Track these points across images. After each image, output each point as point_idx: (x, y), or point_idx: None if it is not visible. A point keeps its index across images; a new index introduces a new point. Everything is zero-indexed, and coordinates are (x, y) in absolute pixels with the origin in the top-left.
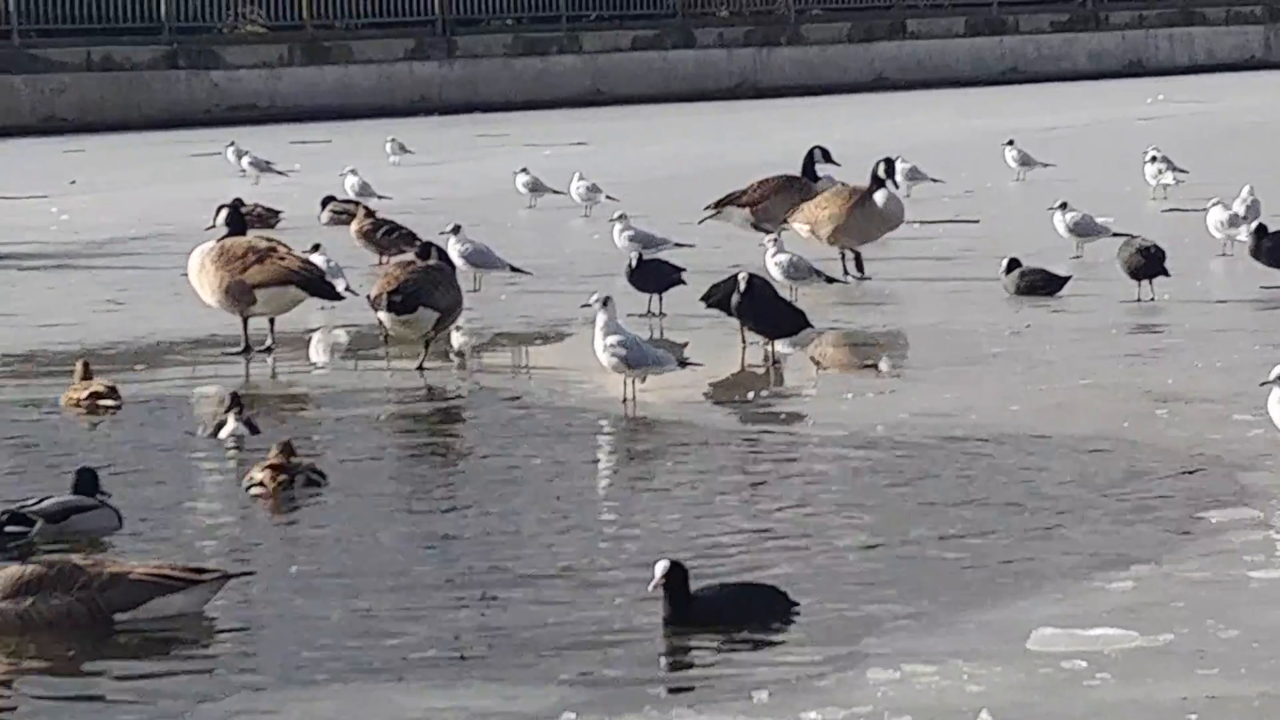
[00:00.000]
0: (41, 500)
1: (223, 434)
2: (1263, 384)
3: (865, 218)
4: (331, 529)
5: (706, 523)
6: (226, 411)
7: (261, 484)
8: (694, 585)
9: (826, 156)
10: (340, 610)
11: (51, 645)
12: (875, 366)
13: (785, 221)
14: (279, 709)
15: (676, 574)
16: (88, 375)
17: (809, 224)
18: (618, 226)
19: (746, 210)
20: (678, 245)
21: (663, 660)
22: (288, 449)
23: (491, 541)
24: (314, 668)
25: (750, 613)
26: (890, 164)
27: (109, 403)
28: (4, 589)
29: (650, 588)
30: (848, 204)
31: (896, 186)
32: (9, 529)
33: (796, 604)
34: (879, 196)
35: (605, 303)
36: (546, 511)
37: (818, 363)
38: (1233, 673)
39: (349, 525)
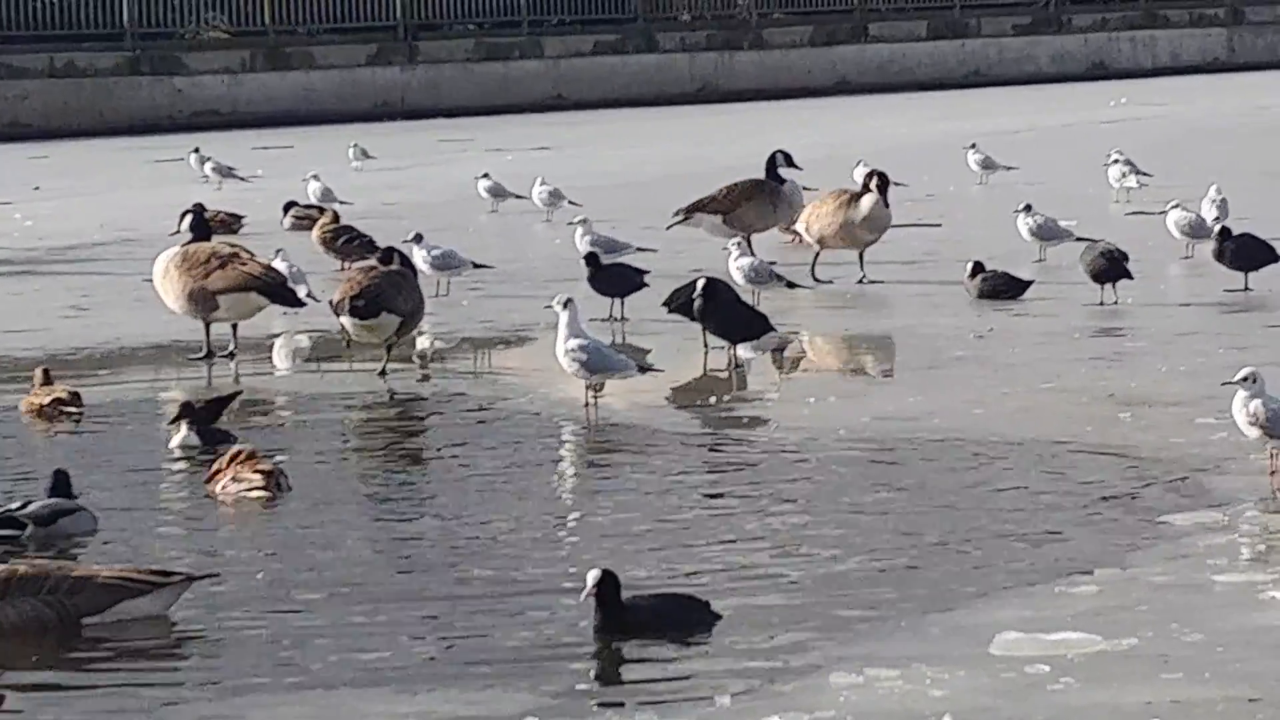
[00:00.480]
0: (25, 504)
1: (173, 444)
2: (1224, 383)
3: (851, 221)
4: (294, 534)
5: (668, 528)
6: (177, 420)
7: (263, 486)
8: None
9: (789, 161)
10: (303, 615)
11: (13, 650)
12: (840, 370)
13: (686, 217)
14: (242, 714)
15: (608, 583)
16: (48, 381)
17: (720, 213)
18: (579, 230)
19: (718, 217)
20: (639, 250)
21: (625, 665)
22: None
23: (454, 547)
24: (278, 672)
25: (679, 622)
26: (880, 176)
27: (72, 409)
28: None
29: (582, 597)
30: (835, 207)
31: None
32: (1, 533)
33: (719, 616)
34: (865, 200)
35: (567, 304)
36: (509, 517)
37: (780, 367)
38: (1197, 676)
39: (311, 530)
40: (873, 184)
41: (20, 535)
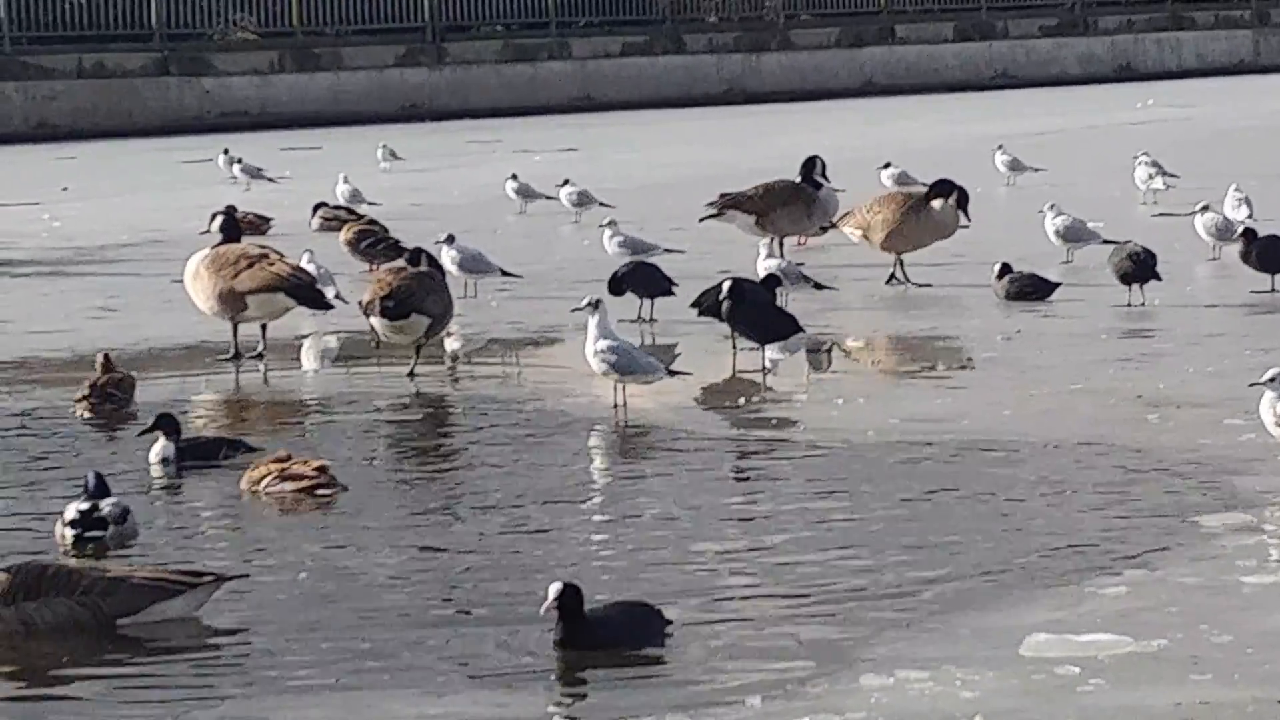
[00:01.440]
0: (94, 504)
1: (151, 456)
2: (1252, 384)
3: (920, 225)
4: (322, 536)
5: (698, 530)
6: (152, 429)
7: (319, 471)
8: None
9: (823, 170)
10: (332, 616)
11: (41, 649)
12: (869, 372)
13: (835, 224)
14: (268, 714)
15: (570, 596)
16: (109, 368)
17: (861, 228)
18: (607, 233)
19: (752, 218)
20: (667, 251)
21: (653, 666)
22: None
23: (483, 548)
24: (306, 673)
25: (642, 632)
26: (953, 186)
27: (116, 393)
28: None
29: (542, 611)
30: (902, 209)
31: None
32: (90, 534)
33: (670, 622)
34: (937, 204)
35: (596, 306)
36: (539, 518)
37: (809, 368)
38: (1226, 678)
39: (340, 532)
40: (952, 199)
41: (104, 535)
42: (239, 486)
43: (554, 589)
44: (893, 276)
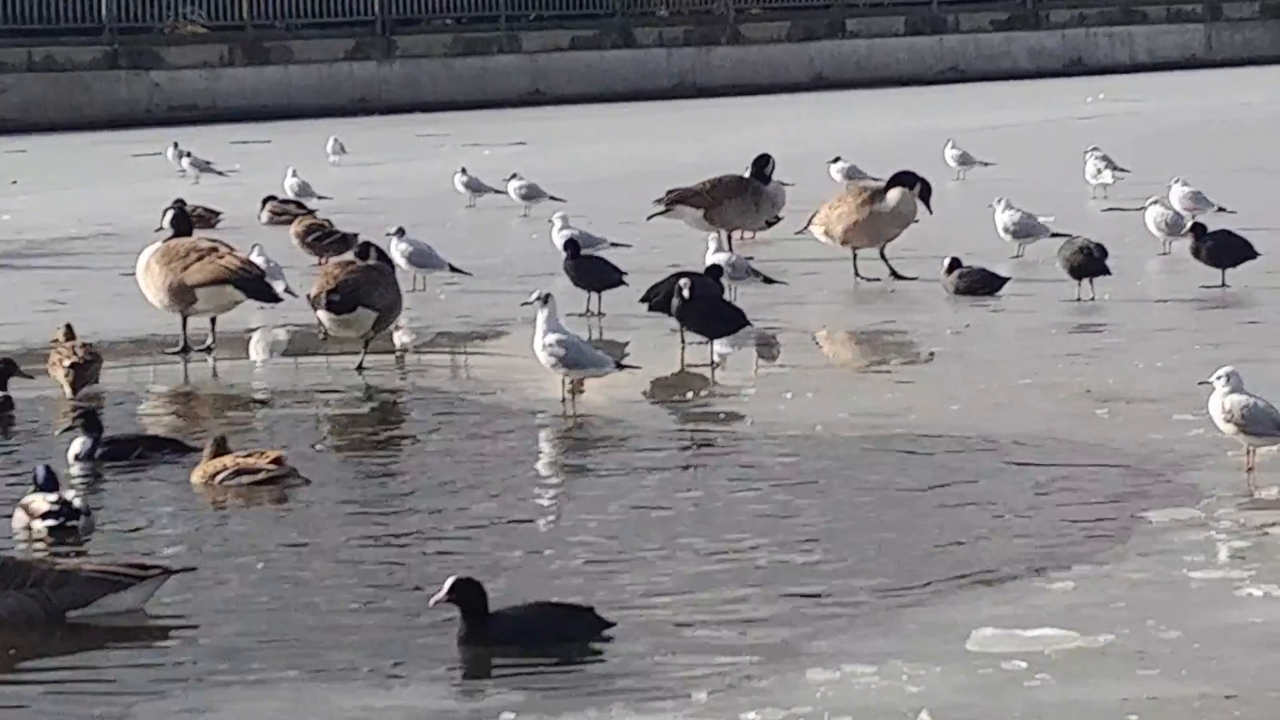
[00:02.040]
0: (61, 496)
1: (71, 451)
2: (1201, 383)
3: (879, 217)
4: (271, 527)
5: (644, 524)
6: (72, 427)
7: (277, 462)
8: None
9: (771, 169)
10: (280, 609)
11: None
12: (817, 366)
13: (805, 228)
14: (216, 707)
15: (467, 590)
16: (71, 337)
17: (823, 225)
18: (556, 225)
19: (700, 212)
20: (614, 245)
21: (601, 660)
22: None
23: (430, 541)
24: (255, 666)
25: (552, 633)
26: (916, 178)
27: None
28: None
29: (431, 603)
30: (861, 202)
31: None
32: (70, 523)
33: (611, 624)
34: (893, 194)
35: (545, 300)
36: (485, 512)
37: (757, 363)
38: (1173, 673)
39: (288, 525)
40: (915, 190)
41: (78, 524)
42: (191, 480)
43: (447, 584)
44: (857, 273)
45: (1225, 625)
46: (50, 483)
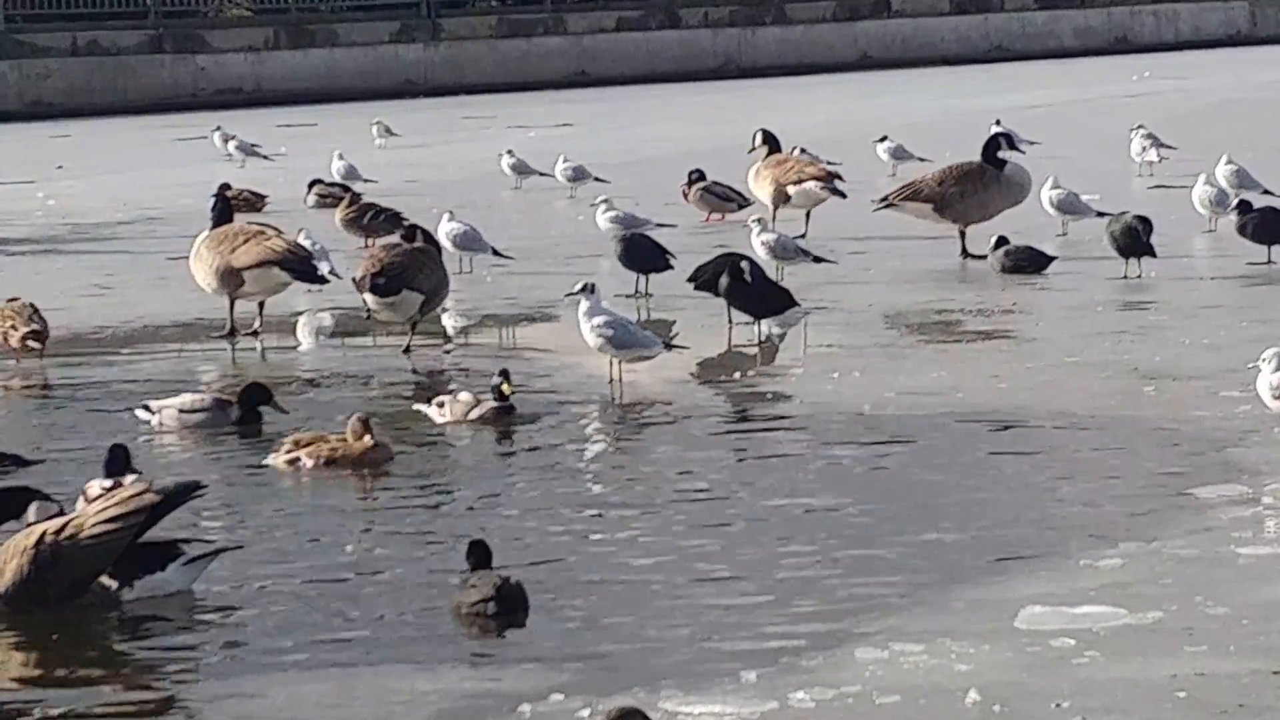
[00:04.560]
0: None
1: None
2: (1250, 366)
3: (992, 191)
4: (319, 511)
5: (689, 504)
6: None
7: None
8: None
9: (1011, 143)
10: (327, 592)
11: (34, 625)
12: (864, 345)
13: (893, 203)
14: (264, 692)
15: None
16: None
17: (931, 201)
18: (601, 208)
19: (928, 206)
20: (659, 226)
21: (648, 641)
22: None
23: (479, 524)
24: (300, 649)
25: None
26: (1007, 137)
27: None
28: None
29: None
30: (980, 178)
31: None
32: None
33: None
34: (1009, 169)
35: (590, 290)
36: (533, 495)
37: (805, 342)
38: (1221, 650)
39: (337, 508)
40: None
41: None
42: (272, 461)
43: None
44: (965, 250)
45: (1273, 601)
46: (115, 465)
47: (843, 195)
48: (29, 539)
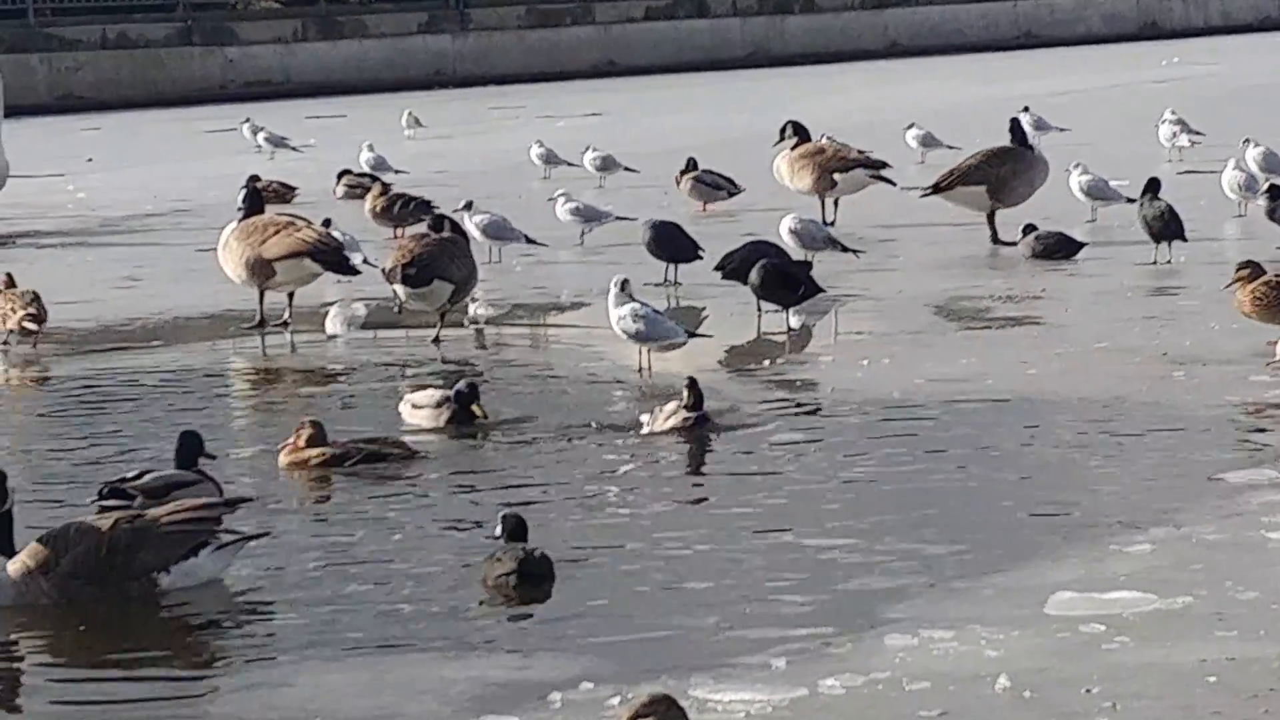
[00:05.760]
0: (142, 473)
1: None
2: (1269, 364)
3: (1036, 170)
4: (347, 501)
5: (718, 490)
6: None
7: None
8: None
9: (1039, 124)
10: (355, 582)
11: (63, 613)
12: (893, 332)
13: (944, 190)
14: (294, 680)
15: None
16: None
17: (985, 184)
18: (560, 200)
19: (982, 188)
20: (618, 219)
21: (678, 629)
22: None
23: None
24: (330, 638)
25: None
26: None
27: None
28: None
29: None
30: (1015, 158)
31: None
32: (105, 504)
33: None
34: (1036, 150)
35: (623, 286)
36: (564, 484)
37: (834, 330)
38: (1251, 634)
39: (364, 498)
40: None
41: (129, 507)
42: (279, 462)
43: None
44: (994, 236)
45: None
46: (187, 453)
47: (892, 183)
48: (103, 522)
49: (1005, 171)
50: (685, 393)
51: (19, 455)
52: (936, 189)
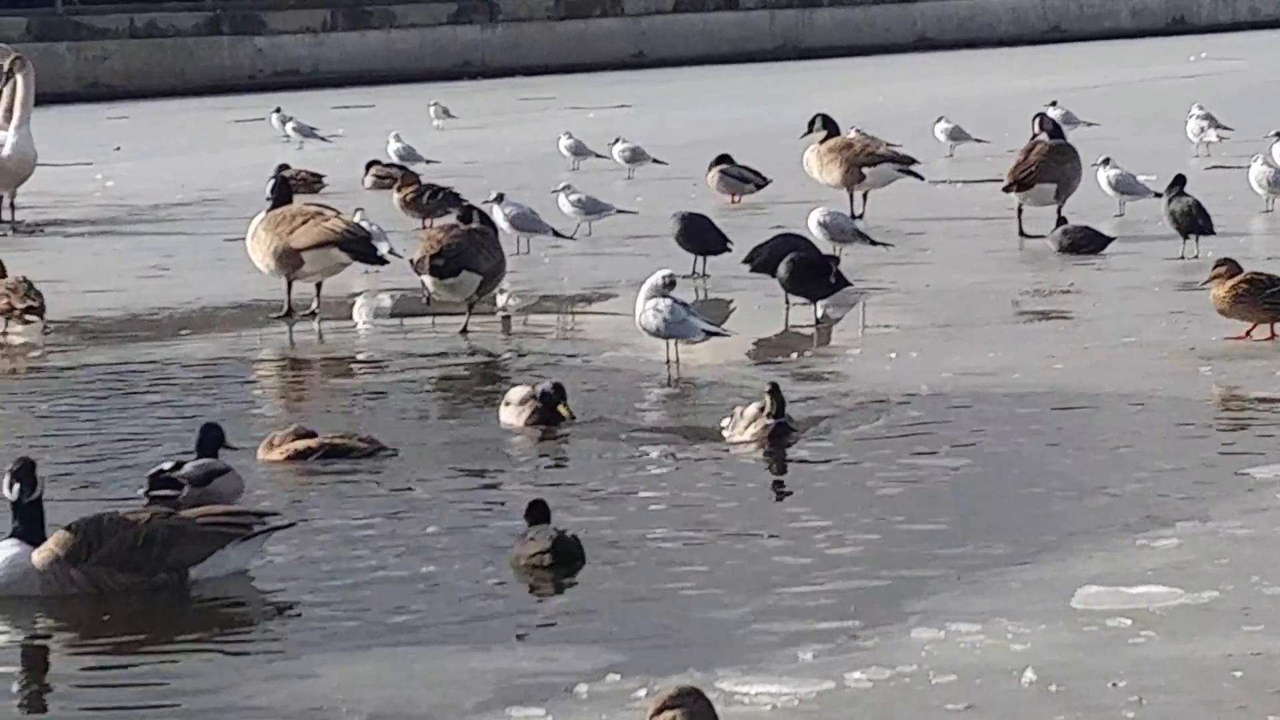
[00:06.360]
0: (179, 464)
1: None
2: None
3: (1081, 170)
4: (375, 491)
5: (746, 484)
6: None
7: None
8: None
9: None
10: (381, 573)
11: (90, 603)
12: (921, 326)
13: (1021, 188)
14: (315, 672)
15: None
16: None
17: (1056, 182)
18: (563, 194)
19: (1055, 186)
20: (619, 212)
21: (704, 621)
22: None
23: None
24: (356, 630)
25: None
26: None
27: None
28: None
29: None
30: (1070, 155)
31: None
32: (156, 493)
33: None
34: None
35: (672, 284)
36: (590, 476)
37: (861, 323)
38: (1277, 629)
39: (392, 488)
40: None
41: (177, 496)
42: (260, 456)
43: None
44: (1022, 230)
45: None
46: (209, 444)
47: (920, 177)
48: (142, 515)
49: (1069, 169)
50: (768, 400)
51: (46, 443)
52: (1018, 185)
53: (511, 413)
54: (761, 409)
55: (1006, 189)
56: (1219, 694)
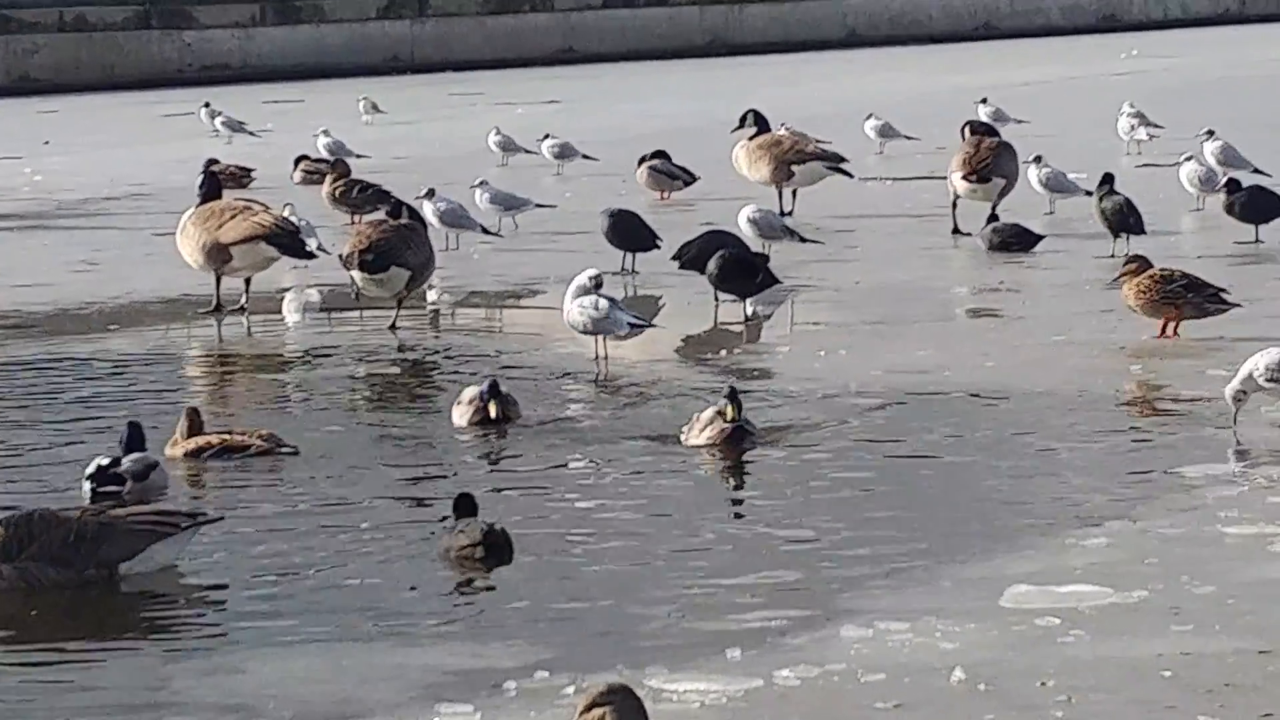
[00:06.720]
0: (116, 459)
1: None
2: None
3: (1018, 165)
4: (303, 486)
5: (673, 482)
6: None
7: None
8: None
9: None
10: (312, 569)
11: (19, 599)
12: (851, 323)
13: (981, 181)
14: (247, 668)
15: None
16: None
17: (1008, 179)
18: (478, 191)
19: (1004, 181)
20: (539, 206)
21: (633, 619)
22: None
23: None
24: (286, 625)
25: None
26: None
27: None
28: None
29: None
30: (1013, 152)
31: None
32: (103, 489)
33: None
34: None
35: (598, 285)
36: (517, 473)
37: (790, 320)
38: (1207, 629)
39: (319, 485)
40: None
41: (121, 491)
42: (167, 453)
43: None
44: (956, 227)
45: (1259, 580)
46: (133, 443)
47: (849, 175)
48: (69, 513)
49: (1015, 166)
50: (727, 405)
51: None
52: (978, 176)
53: (459, 412)
54: (719, 412)
55: (965, 178)
56: (1148, 693)
